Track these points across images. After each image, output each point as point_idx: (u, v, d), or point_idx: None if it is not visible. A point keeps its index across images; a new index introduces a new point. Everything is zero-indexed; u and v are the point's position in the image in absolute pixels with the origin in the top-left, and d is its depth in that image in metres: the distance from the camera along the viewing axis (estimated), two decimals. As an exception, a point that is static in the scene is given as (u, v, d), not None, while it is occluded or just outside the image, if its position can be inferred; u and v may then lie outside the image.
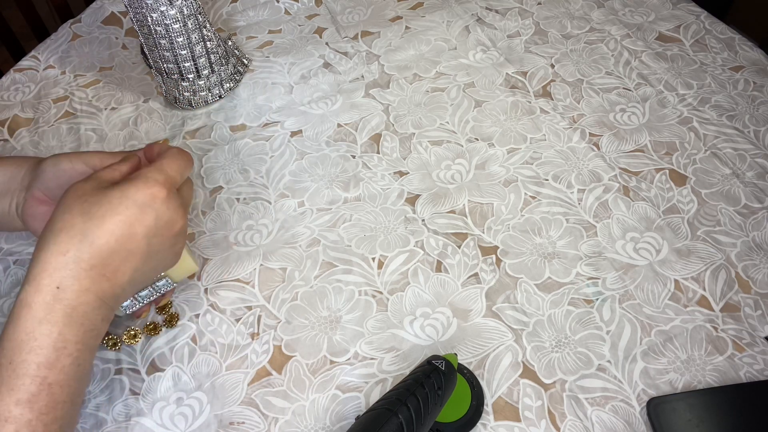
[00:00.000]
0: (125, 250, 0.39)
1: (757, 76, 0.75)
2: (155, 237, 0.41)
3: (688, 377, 0.52)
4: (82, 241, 0.37)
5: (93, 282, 0.38)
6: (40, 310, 0.36)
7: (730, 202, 0.63)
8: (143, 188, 0.40)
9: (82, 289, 0.37)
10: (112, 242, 0.38)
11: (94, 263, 0.38)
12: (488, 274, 0.58)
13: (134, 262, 0.40)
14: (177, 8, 0.63)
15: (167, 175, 0.42)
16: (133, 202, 0.39)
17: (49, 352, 0.36)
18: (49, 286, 0.37)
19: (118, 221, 0.38)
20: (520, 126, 0.71)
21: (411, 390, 0.43)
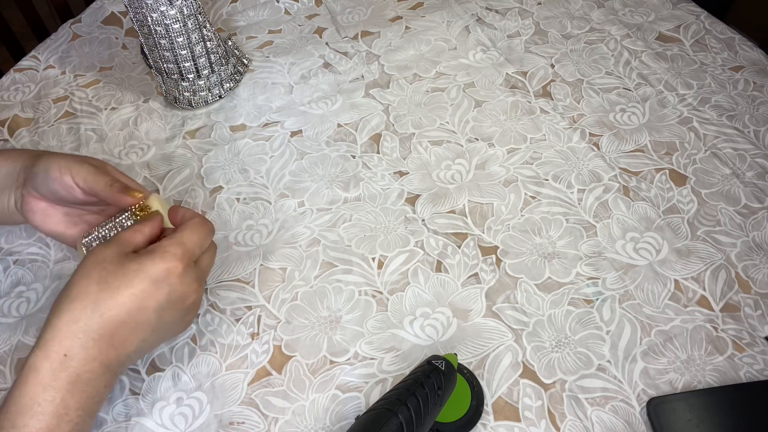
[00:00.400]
0: (135, 322, 0.40)
1: (757, 76, 0.75)
2: (166, 310, 0.41)
3: (688, 377, 0.52)
4: (94, 311, 0.38)
5: (100, 351, 0.39)
6: (46, 376, 0.37)
7: (730, 202, 0.63)
8: (160, 263, 0.40)
9: (88, 358, 0.38)
10: (123, 314, 0.39)
11: (103, 333, 0.39)
12: (488, 274, 0.58)
13: (143, 333, 0.41)
14: (177, 8, 0.63)
15: (186, 248, 0.42)
16: (148, 276, 0.40)
17: (50, 418, 0.37)
18: (57, 353, 0.37)
19: (130, 294, 0.39)
20: (520, 126, 0.71)
21: (411, 390, 0.43)
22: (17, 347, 0.55)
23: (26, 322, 0.57)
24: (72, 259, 0.61)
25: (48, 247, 0.62)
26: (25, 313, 0.57)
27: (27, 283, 0.59)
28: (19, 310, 0.57)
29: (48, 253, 0.61)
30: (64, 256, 0.61)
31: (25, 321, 0.57)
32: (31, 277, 0.60)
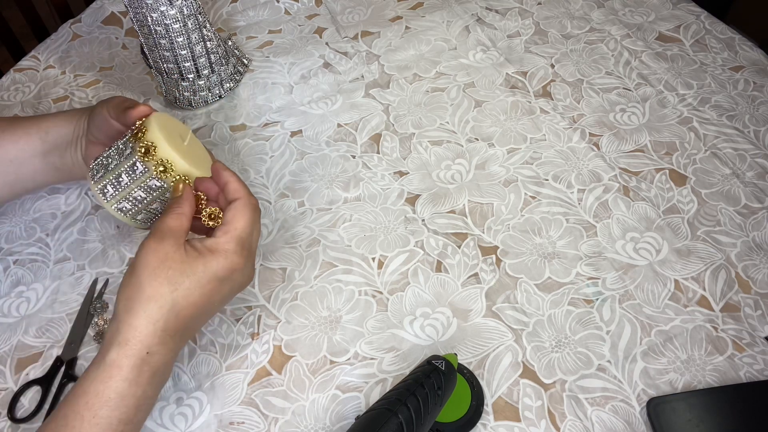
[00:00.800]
0: (203, 315, 0.44)
1: (757, 76, 0.75)
2: (227, 297, 0.45)
3: (688, 377, 0.52)
4: (170, 311, 0.41)
5: (175, 345, 0.42)
6: (131, 373, 0.40)
7: (730, 202, 0.63)
8: (223, 262, 0.43)
9: (166, 351, 0.41)
10: (195, 312, 0.43)
11: (178, 329, 0.42)
12: (488, 274, 0.58)
13: (205, 319, 0.45)
14: (177, 8, 0.63)
15: (242, 242, 0.44)
16: (215, 276, 0.43)
17: (131, 410, 0.40)
18: (140, 351, 0.40)
19: (200, 294, 0.42)
20: (520, 126, 0.71)
21: (411, 390, 0.43)
22: (17, 347, 0.55)
23: (26, 322, 0.57)
24: (72, 259, 0.61)
25: (48, 247, 0.62)
26: (25, 313, 0.57)
27: (27, 283, 0.59)
28: (19, 310, 0.57)
29: (48, 253, 0.61)
30: (64, 256, 0.61)
31: (25, 321, 0.57)
32: (31, 277, 0.60)
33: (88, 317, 0.57)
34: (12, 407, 0.52)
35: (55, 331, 0.56)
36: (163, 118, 0.48)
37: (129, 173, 0.46)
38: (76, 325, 0.56)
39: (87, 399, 0.39)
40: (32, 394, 0.53)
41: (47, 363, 0.54)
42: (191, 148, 0.49)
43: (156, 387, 0.42)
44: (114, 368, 0.39)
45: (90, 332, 0.56)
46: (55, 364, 0.54)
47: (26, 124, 0.55)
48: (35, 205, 0.65)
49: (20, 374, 0.54)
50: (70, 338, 0.55)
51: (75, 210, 0.65)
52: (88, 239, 0.62)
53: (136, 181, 0.46)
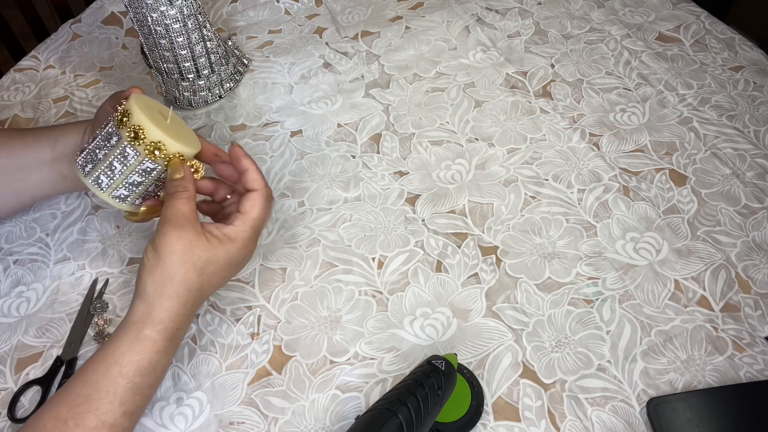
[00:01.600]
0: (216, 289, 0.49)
1: (757, 76, 0.75)
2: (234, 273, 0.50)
3: (688, 377, 0.52)
4: (199, 294, 0.47)
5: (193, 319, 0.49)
6: (162, 346, 0.45)
7: (730, 202, 0.63)
8: (241, 250, 0.48)
9: (188, 326, 0.48)
10: (214, 290, 0.49)
11: (198, 304, 0.47)
12: (488, 274, 0.58)
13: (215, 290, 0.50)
14: (177, 8, 0.63)
15: (255, 229, 0.49)
16: (234, 261, 0.48)
17: (159, 376, 0.45)
18: (172, 329, 0.45)
19: (222, 277, 0.48)
20: (520, 126, 0.71)
21: (411, 390, 0.43)
22: (17, 347, 0.55)
23: (26, 322, 0.57)
24: (72, 259, 0.61)
25: (48, 247, 0.62)
26: (25, 313, 0.57)
27: (27, 283, 0.59)
28: (19, 310, 0.57)
29: (48, 253, 0.61)
30: (64, 257, 0.61)
31: (25, 321, 0.57)
32: (31, 277, 0.60)
33: (88, 317, 0.57)
34: (12, 407, 0.52)
35: (55, 331, 0.56)
36: (143, 100, 0.48)
37: (120, 160, 0.46)
38: (76, 325, 0.56)
39: (121, 368, 0.43)
40: (32, 394, 0.53)
41: (47, 363, 0.54)
42: (175, 125, 0.49)
43: (176, 353, 0.48)
44: (149, 342, 0.44)
45: (90, 332, 0.56)
46: (55, 364, 0.54)
47: (36, 133, 0.56)
48: (35, 205, 0.65)
49: (20, 374, 0.54)
50: (70, 338, 0.55)
51: (75, 210, 0.65)
52: (88, 239, 0.62)
53: (130, 166, 0.47)
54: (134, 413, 0.44)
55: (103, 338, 0.55)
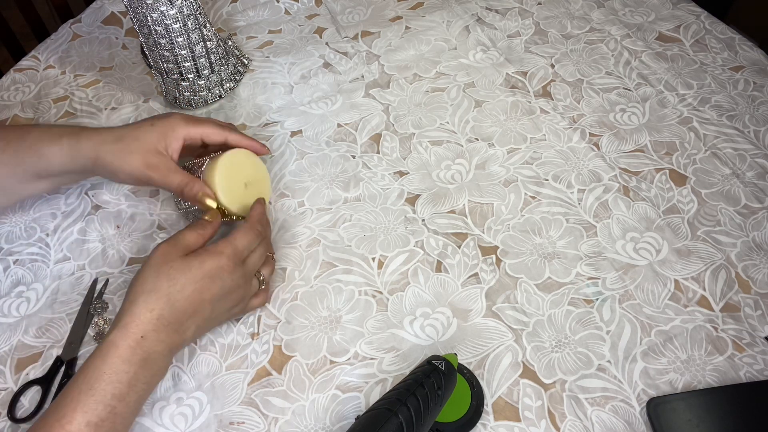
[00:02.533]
0: (194, 311, 0.47)
1: (757, 76, 0.75)
2: (218, 302, 0.49)
3: (688, 377, 0.52)
4: (167, 303, 0.46)
5: (168, 335, 0.46)
6: (125, 352, 0.44)
7: (730, 202, 0.63)
8: (216, 261, 0.48)
9: (159, 340, 0.45)
10: (186, 305, 0.47)
11: (171, 321, 0.46)
12: (488, 274, 0.58)
13: (198, 320, 0.48)
14: (177, 8, 0.63)
15: (236, 249, 0.50)
16: (207, 272, 0.47)
17: (123, 386, 0.43)
18: (135, 334, 0.44)
19: (193, 289, 0.47)
20: (520, 126, 0.71)
21: (411, 390, 0.43)
22: (17, 347, 0.55)
23: (26, 322, 0.57)
24: (72, 259, 0.61)
25: (48, 247, 0.62)
26: (25, 313, 0.57)
27: (27, 283, 0.59)
28: (19, 310, 0.57)
29: (48, 253, 0.61)
30: (64, 256, 0.61)
31: (25, 321, 0.57)
32: (31, 277, 0.60)
33: (88, 317, 0.57)
34: (12, 407, 0.52)
35: (55, 331, 0.56)
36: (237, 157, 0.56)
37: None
38: (76, 325, 0.56)
39: (86, 373, 0.43)
40: (32, 394, 0.53)
41: (47, 363, 0.54)
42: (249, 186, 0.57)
43: (147, 374, 0.45)
44: (111, 347, 0.44)
45: (90, 332, 0.56)
46: (55, 364, 0.54)
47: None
48: (35, 205, 0.65)
49: (20, 374, 0.54)
50: (70, 338, 0.55)
51: (75, 210, 0.65)
52: (88, 239, 0.62)
53: None
54: (99, 425, 0.41)
55: (103, 338, 0.55)
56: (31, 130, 0.55)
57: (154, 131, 0.53)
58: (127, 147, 0.52)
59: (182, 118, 0.55)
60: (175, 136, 0.54)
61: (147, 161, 0.52)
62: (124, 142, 0.53)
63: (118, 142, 0.53)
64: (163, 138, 0.53)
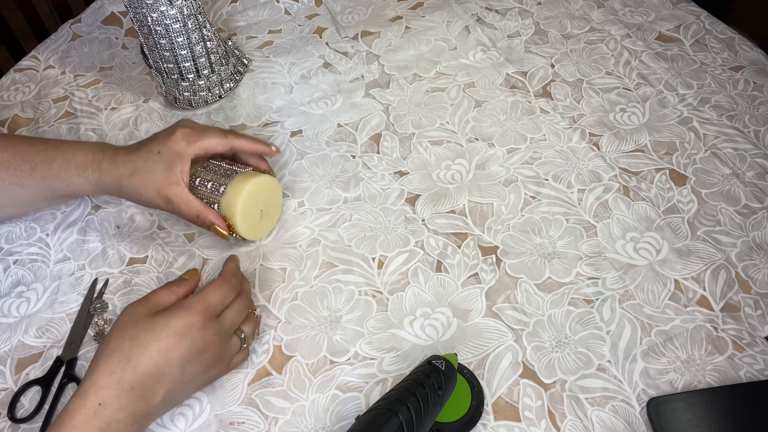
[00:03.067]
0: (161, 374, 0.44)
1: (757, 76, 0.75)
2: (189, 362, 0.45)
3: (688, 377, 0.52)
4: (127, 364, 0.43)
5: (130, 402, 0.42)
6: (80, 422, 0.41)
7: (730, 202, 0.63)
8: (183, 317, 0.45)
9: (120, 407, 0.42)
10: (151, 367, 0.43)
11: (134, 385, 0.42)
12: (488, 274, 0.58)
13: (168, 385, 0.44)
14: (177, 8, 0.63)
15: (207, 304, 0.47)
16: (173, 330, 0.44)
17: None
18: (93, 402, 0.41)
19: (157, 348, 0.43)
20: (520, 126, 0.71)
21: (411, 390, 0.43)
22: (17, 347, 0.55)
23: (26, 322, 0.57)
24: (72, 259, 0.61)
25: (48, 247, 0.62)
26: (25, 313, 0.57)
27: (27, 283, 0.59)
28: (19, 310, 0.57)
29: (48, 253, 0.61)
30: (64, 257, 0.61)
31: (25, 321, 0.57)
32: (31, 277, 0.60)
33: (88, 317, 0.57)
34: (12, 407, 0.52)
35: (55, 331, 0.56)
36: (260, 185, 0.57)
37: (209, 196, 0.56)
38: (76, 325, 0.56)
39: None
40: (32, 394, 0.53)
41: (47, 363, 0.54)
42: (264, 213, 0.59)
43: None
44: (67, 417, 0.41)
45: (90, 332, 0.56)
46: (55, 365, 0.54)
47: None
48: (35, 205, 0.65)
49: (20, 374, 0.54)
50: (70, 338, 0.55)
51: (75, 210, 0.65)
52: (88, 239, 0.62)
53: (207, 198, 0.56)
54: None
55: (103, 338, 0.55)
56: (55, 154, 0.55)
57: (161, 161, 0.53)
58: (142, 181, 0.54)
59: (184, 138, 0.54)
60: (182, 161, 0.54)
61: (161, 194, 0.53)
62: (139, 176, 0.54)
63: (133, 176, 0.54)
64: (171, 167, 0.54)
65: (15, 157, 0.54)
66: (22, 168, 0.55)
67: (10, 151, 0.55)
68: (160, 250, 0.61)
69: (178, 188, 0.54)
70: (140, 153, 0.54)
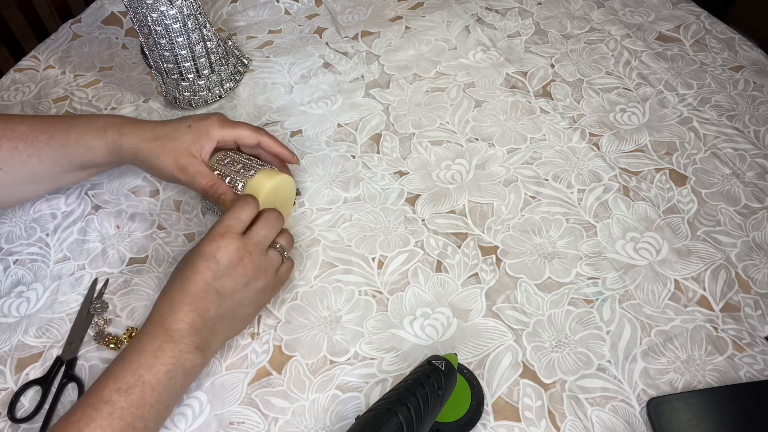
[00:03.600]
0: (202, 291, 0.48)
1: (757, 76, 0.75)
2: (224, 278, 0.49)
3: (688, 377, 0.52)
4: (173, 285, 0.49)
5: (185, 314, 0.47)
6: (149, 327, 0.47)
7: (730, 202, 0.63)
8: (208, 242, 0.49)
9: (177, 318, 0.47)
10: (191, 286, 0.48)
11: (185, 301, 0.48)
12: (488, 274, 0.58)
13: (213, 299, 0.48)
14: (177, 8, 0.63)
15: (225, 224, 0.50)
16: (200, 255, 0.49)
17: (148, 356, 0.45)
18: (156, 315, 0.48)
19: (192, 270, 0.48)
20: (520, 126, 0.71)
21: (411, 390, 0.43)
22: (17, 347, 0.55)
23: (26, 322, 0.57)
24: (72, 259, 0.61)
25: (48, 247, 0.62)
26: (25, 313, 0.57)
27: (27, 283, 0.59)
28: (19, 310, 0.57)
29: (48, 253, 0.61)
30: (64, 256, 0.61)
31: (25, 321, 0.57)
32: (31, 277, 0.60)
33: (88, 317, 0.57)
34: (12, 407, 0.52)
35: (55, 331, 0.56)
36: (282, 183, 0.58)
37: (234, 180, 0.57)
38: (76, 325, 0.56)
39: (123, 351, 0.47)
40: (32, 394, 0.53)
41: (47, 363, 0.54)
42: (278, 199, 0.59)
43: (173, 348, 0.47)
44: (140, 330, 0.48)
45: (90, 332, 0.56)
46: (55, 364, 0.54)
47: None
48: (35, 205, 0.65)
49: (20, 374, 0.54)
50: (70, 338, 0.55)
51: (75, 210, 0.65)
52: (88, 239, 0.62)
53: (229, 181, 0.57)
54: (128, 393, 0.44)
55: (103, 338, 0.55)
56: (74, 122, 0.56)
57: (190, 133, 0.55)
58: (163, 146, 0.55)
59: (218, 121, 0.57)
60: (209, 138, 0.56)
61: (178, 162, 0.55)
62: (161, 141, 0.55)
63: (155, 140, 0.55)
64: (197, 140, 0.55)
65: (32, 128, 0.55)
66: (39, 138, 0.55)
67: (27, 123, 0.56)
68: (160, 250, 0.61)
69: (196, 160, 0.55)
70: (170, 123, 0.57)
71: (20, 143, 0.55)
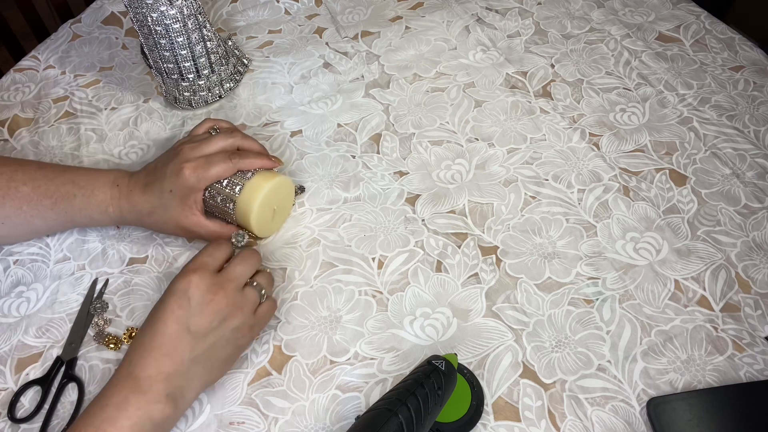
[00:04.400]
0: (174, 332, 0.46)
1: (757, 76, 0.75)
2: (195, 316, 0.47)
3: (688, 377, 0.52)
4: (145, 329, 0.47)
5: (154, 359, 0.46)
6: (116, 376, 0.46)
7: (730, 202, 0.63)
8: (180, 279, 0.48)
9: (145, 364, 0.45)
10: (161, 327, 0.46)
11: (154, 345, 0.46)
12: (488, 274, 0.58)
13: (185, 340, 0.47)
14: (177, 8, 0.63)
15: (200, 261, 0.50)
16: (172, 292, 0.48)
17: (112, 410, 0.44)
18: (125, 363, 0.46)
19: (163, 310, 0.47)
20: (520, 126, 0.71)
21: (411, 390, 0.43)
22: (17, 347, 0.55)
23: (26, 322, 0.57)
24: (72, 259, 0.61)
25: (48, 247, 0.62)
26: (25, 313, 0.57)
27: (27, 283, 0.59)
28: (19, 310, 0.57)
29: (48, 253, 0.61)
30: (64, 257, 0.61)
31: (25, 321, 0.57)
32: (31, 277, 0.60)
33: (88, 317, 0.57)
34: (12, 407, 0.52)
35: (55, 331, 0.56)
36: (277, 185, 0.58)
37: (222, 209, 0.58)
38: (76, 325, 0.56)
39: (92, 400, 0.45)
40: (32, 394, 0.53)
41: (47, 363, 0.54)
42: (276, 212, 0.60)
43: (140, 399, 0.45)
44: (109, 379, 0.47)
45: (90, 332, 0.56)
46: (55, 365, 0.54)
47: None
48: (35, 205, 0.65)
49: (20, 374, 0.54)
50: (70, 338, 0.55)
51: (75, 210, 0.65)
52: (88, 239, 0.62)
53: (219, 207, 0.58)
54: None
55: (103, 338, 0.55)
56: (74, 190, 0.57)
57: (175, 198, 0.56)
58: (160, 218, 0.57)
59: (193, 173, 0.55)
60: (194, 192, 0.56)
61: (181, 227, 0.57)
62: (157, 214, 0.57)
63: (152, 214, 0.57)
64: (185, 201, 0.56)
65: (35, 192, 0.57)
66: (43, 203, 0.57)
67: (30, 185, 0.57)
68: (160, 250, 0.61)
69: (194, 218, 0.57)
70: (153, 192, 0.57)
71: (24, 204, 0.56)
